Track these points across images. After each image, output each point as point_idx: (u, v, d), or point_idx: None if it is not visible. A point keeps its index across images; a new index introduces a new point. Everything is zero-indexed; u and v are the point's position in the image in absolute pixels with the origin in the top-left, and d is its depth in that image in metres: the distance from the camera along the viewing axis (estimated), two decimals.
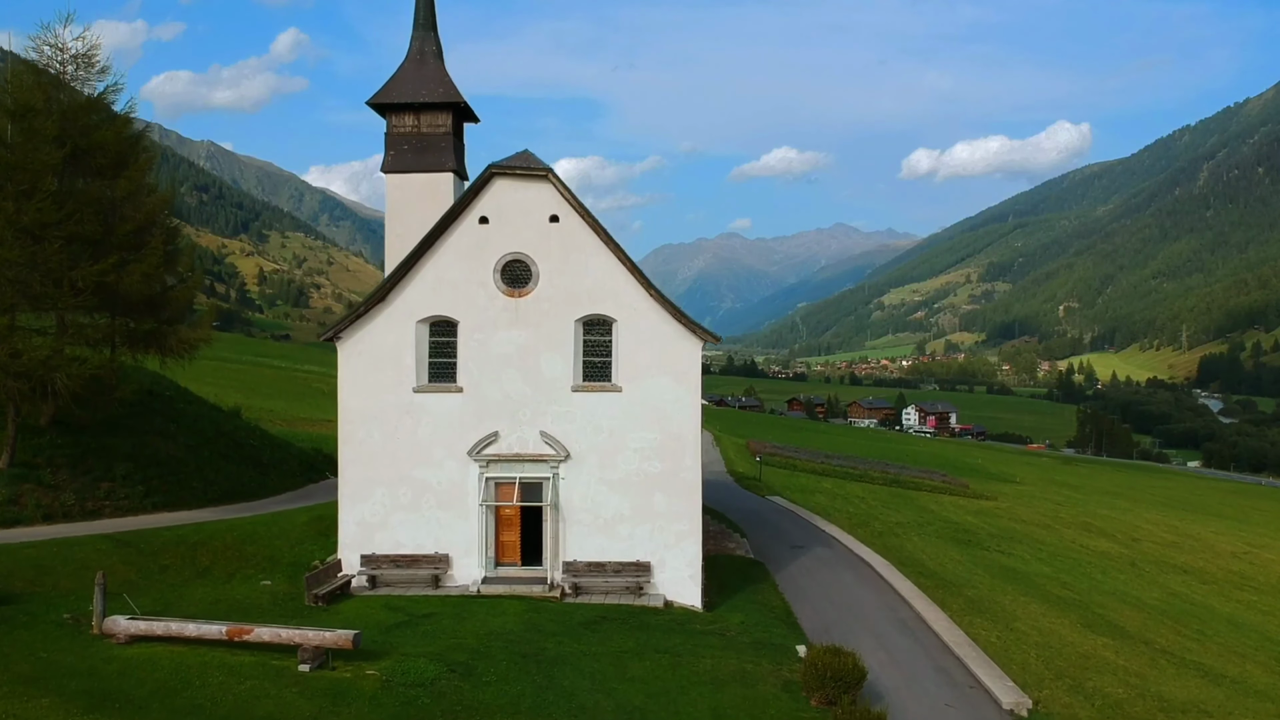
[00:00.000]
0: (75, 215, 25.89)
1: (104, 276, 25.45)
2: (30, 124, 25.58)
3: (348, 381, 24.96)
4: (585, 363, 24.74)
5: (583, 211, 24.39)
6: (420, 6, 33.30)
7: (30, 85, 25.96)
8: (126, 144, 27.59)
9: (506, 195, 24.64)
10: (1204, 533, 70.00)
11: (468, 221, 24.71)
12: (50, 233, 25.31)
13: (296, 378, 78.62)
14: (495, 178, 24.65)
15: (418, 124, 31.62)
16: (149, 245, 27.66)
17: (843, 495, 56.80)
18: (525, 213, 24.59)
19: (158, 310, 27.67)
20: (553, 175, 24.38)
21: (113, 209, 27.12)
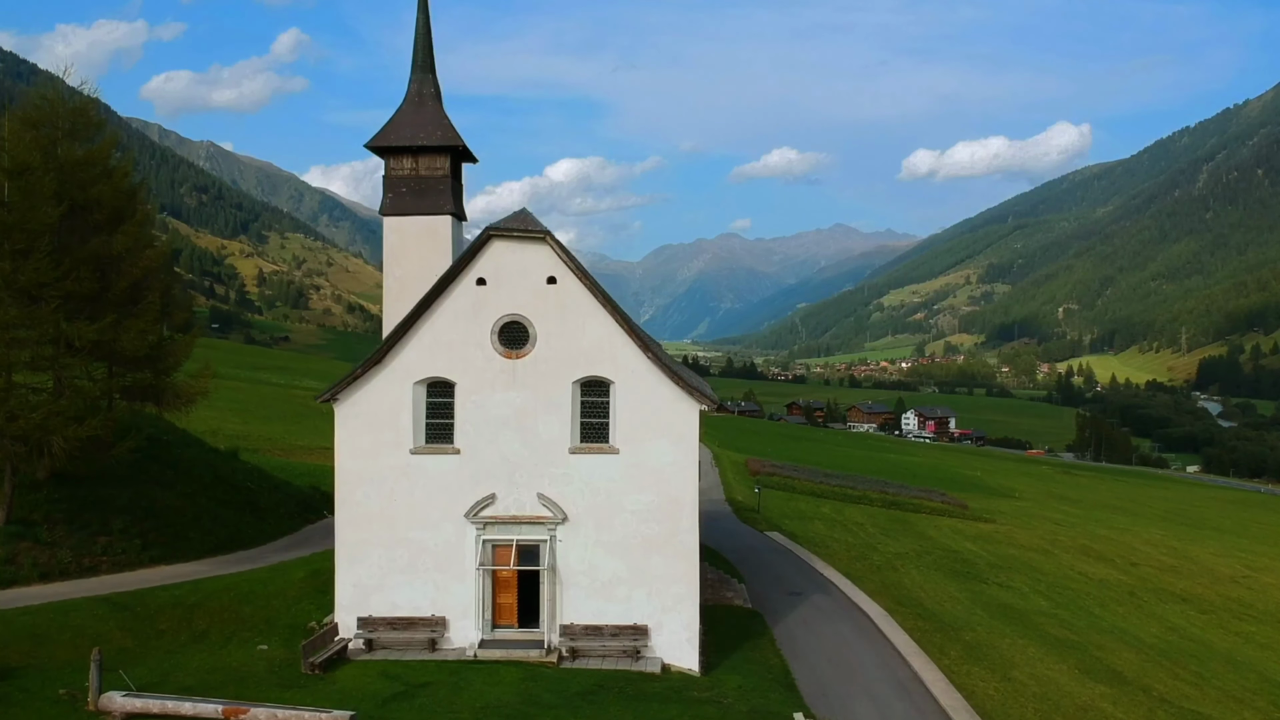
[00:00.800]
0: (73, 273, 25.89)
1: (101, 335, 25.41)
2: (28, 182, 25.55)
3: (345, 443, 24.90)
4: (583, 424, 24.72)
5: (580, 273, 24.37)
6: (418, 49, 33.31)
7: (28, 143, 25.90)
8: (124, 198, 27.54)
9: (504, 257, 24.62)
10: (1203, 554, 69.97)
11: (465, 283, 24.68)
12: (47, 292, 25.30)
13: (295, 397, 78.56)
14: (493, 239, 24.63)
15: (416, 166, 31.64)
16: (146, 299, 27.63)
17: (841, 521, 56.79)
18: (523, 274, 24.57)
19: (156, 363, 27.63)
20: (550, 237, 24.36)
21: (110, 264, 27.09)
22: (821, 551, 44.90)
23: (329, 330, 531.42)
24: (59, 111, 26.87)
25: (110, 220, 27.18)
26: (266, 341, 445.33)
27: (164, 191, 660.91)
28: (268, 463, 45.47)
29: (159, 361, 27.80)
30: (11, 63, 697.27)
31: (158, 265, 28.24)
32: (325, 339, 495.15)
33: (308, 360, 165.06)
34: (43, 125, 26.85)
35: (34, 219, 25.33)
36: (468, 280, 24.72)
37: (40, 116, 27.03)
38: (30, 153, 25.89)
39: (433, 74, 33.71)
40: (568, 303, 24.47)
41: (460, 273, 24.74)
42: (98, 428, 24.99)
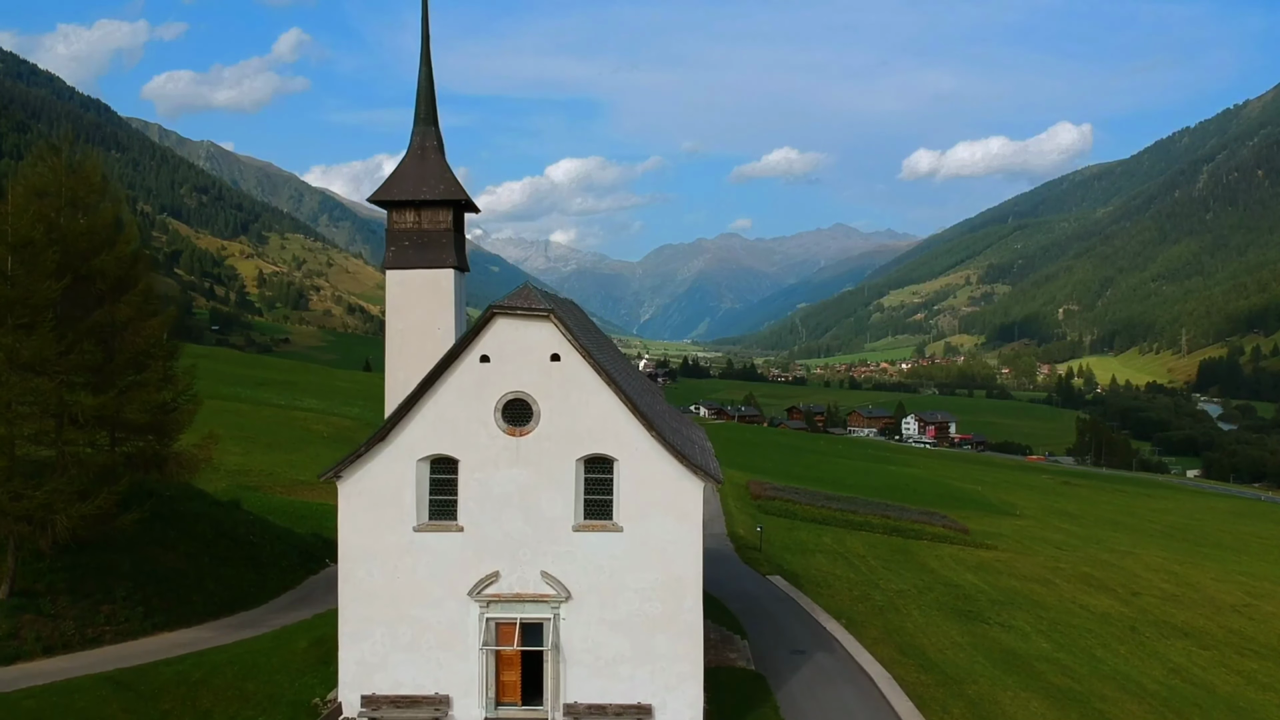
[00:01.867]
0: (76, 346, 25.85)
1: (104, 410, 25.41)
2: (31, 256, 25.52)
3: (348, 520, 24.91)
4: (586, 501, 24.72)
5: (584, 351, 24.36)
6: (420, 102, 33.33)
7: (31, 216, 25.87)
8: (126, 266, 27.52)
9: (508, 334, 24.61)
10: (1203, 579, 70.01)
11: (469, 360, 24.67)
12: (50, 367, 25.29)
13: (295, 420, 78.55)
14: (496, 317, 24.61)
15: (419, 220, 31.69)
16: (150, 368, 27.62)
17: (843, 554, 56.80)
18: (526, 351, 24.56)
19: (159, 432, 27.61)
20: (554, 315, 24.35)
21: (114, 333, 27.05)
22: (824, 591, 44.93)
23: (329, 332, 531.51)
24: (61, 179, 26.80)
25: (113, 289, 27.14)
26: (266, 344, 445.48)
27: (164, 192, 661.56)
28: (269, 503, 45.43)
29: (162, 429, 27.77)
30: (11, 63, 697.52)
31: (161, 334, 28.17)
32: (325, 340, 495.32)
33: (308, 370, 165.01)
34: (45, 194, 26.78)
35: (37, 293, 25.31)
36: (471, 357, 24.71)
37: (43, 184, 26.97)
38: (33, 226, 25.84)
39: (435, 126, 33.72)
40: (571, 380, 24.47)
41: (464, 350, 24.73)
42: (102, 503, 24.97)
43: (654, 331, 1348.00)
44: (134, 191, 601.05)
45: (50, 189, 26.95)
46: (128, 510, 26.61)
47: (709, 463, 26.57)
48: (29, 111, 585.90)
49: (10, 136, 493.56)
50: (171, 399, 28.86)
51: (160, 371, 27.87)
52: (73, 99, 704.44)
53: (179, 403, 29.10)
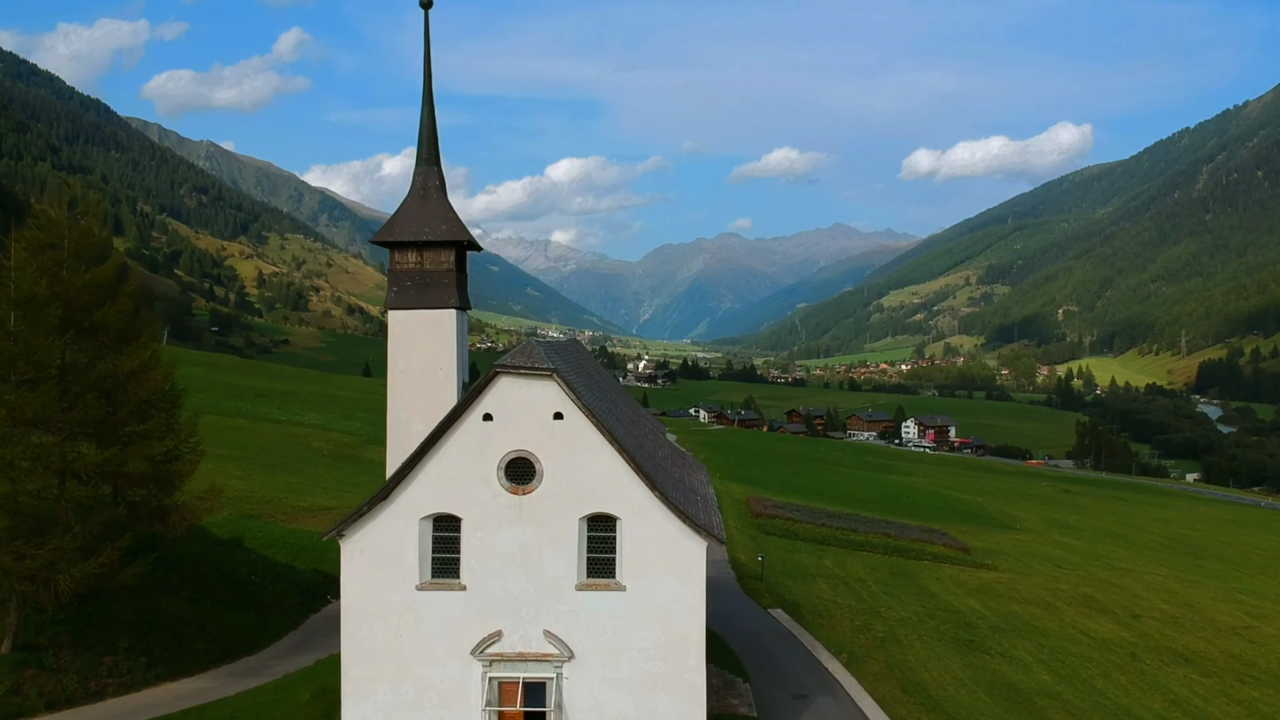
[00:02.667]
0: (79, 401, 25.85)
1: (107, 465, 25.42)
2: (34, 312, 25.52)
3: (350, 579, 24.88)
4: (589, 559, 24.72)
5: (586, 410, 24.36)
6: (423, 142, 33.33)
7: (34, 272, 25.86)
8: (129, 318, 27.51)
9: (510, 393, 24.61)
10: (1204, 599, 70.05)
11: (472, 418, 24.67)
12: (54, 423, 25.29)
13: (296, 437, 78.55)
14: (500, 376, 24.61)
15: (421, 261, 31.68)
16: (153, 419, 27.62)
17: (844, 579, 56.83)
18: (529, 410, 24.56)
19: (161, 483, 27.62)
20: (557, 374, 24.35)
21: (117, 386, 27.06)
22: (825, 623, 44.96)
23: (329, 333, 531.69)
24: (64, 233, 26.79)
25: (116, 341, 27.13)
26: (266, 345, 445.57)
27: (163, 192, 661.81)
28: (270, 534, 45.44)
29: (165, 480, 27.77)
30: (11, 63, 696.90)
31: (164, 385, 28.16)
32: (325, 341, 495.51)
33: (308, 378, 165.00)
34: (47, 247, 26.77)
35: (40, 349, 25.30)
36: (474, 416, 24.70)
37: (45, 238, 26.96)
38: (36, 281, 25.83)
39: (437, 166, 33.69)
40: (574, 439, 24.47)
41: (467, 408, 24.73)
42: (106, 560, 24.97)
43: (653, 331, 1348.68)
44: (133, 192, 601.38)
45: (53, 243, 26.91)
46: (131, 563, 26.59)
47: (712, 519, 26.57)
48: (29, 112, 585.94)
49: (10, 137, 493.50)
50: (173, 446, 28.85)
51: (163, 423, 27.87)
52: (72, 99, 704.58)
53: (181, 452, 29.09)
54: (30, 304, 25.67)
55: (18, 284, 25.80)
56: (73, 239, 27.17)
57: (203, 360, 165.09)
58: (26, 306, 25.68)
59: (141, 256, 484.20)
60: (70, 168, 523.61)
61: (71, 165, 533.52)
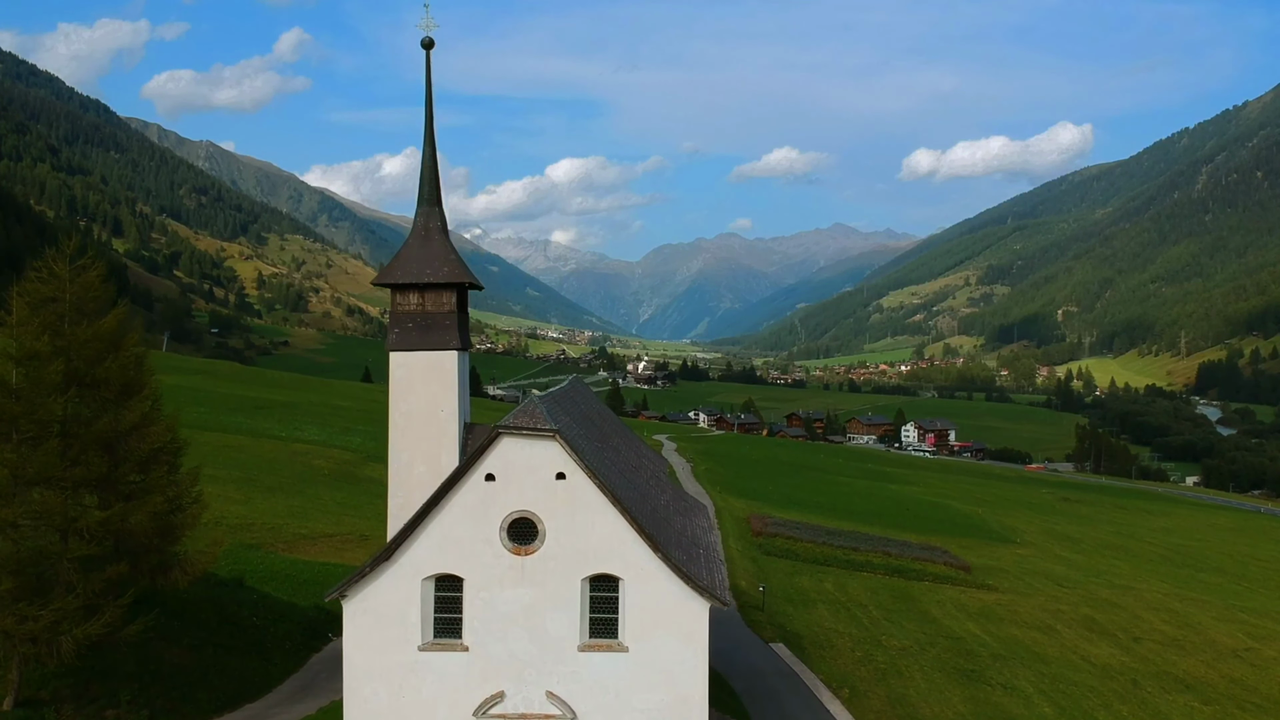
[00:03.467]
0: (82, 457, 25.84)
1: (109, 523, 25.42)
2: (36, 369, 25.49)
3: (353, 639, 24.88)
4: (591, 619, 24.74)
5: (589, 470, 24.38)
6: (425, 182, 33.46)
7: (36, 328, 25.84)
8: (131, 372, 27.50)
9: (513, 453, 24.62)
10: (1204, 619, 70.06)
11: (474, 479, 24.68)
12: (56, 481, 25.28)
13: (297, 455, 78.55)
14: (502, 436, 24.62)
15: (422, 302, 31.75)
16: (154, 473, 27.62)
17: (845, 604, 56.83)
18: (532, 470, 24.58)
19: (163, 539, 27.61)
20: (559, 435, 24.35)
21: (118, 440, 27.04)
22: (827, 654, 44.98)
23: (328, 334, 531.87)
24: (66, 286, 26.75)
25: (118, 396, 27.10)
26: (266, 346, 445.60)
27: (163, 193, 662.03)
28: (271, 566, 45.41)
29: (167, 533, 27.75)
30: (11, 64, 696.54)
31: (166, 438, 28.14)
32: (324, 343, 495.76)
33: (308, 386, 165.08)
34: (49, 301, 26.74)
35: (43, 407, 25.27)
36: (477, 476, 24.71)
37: (47, 291, 26.92)
38: (38, 337, 25.80)
39: (439, 206, 33.79)
40: (576, 499, 24.49)
41: (470, 469, 24.73)
42: (109, 619, 24.94)
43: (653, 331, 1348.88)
44: (133, 193, 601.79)
45: (55, 296, 26.87)
46: (134, 618, 26.57)
47: (715, 577, 26.57)
48: (28, 112, 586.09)
49: (10, 138, 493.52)
50: (174, 496, 28.83)
51: (165, 476, 27.85)
52: (72, 99, 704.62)
53: (184, 503, 29.07)
54: (33, 360, 25.64)
55: (20, 340, 25.76)
56: (75, 292, 27.11)
57: (202, 368, 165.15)
58: (29, 363, 25.65)
59: (141, 258, 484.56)
60: (70, 169, 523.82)
61: (71, 166, 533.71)
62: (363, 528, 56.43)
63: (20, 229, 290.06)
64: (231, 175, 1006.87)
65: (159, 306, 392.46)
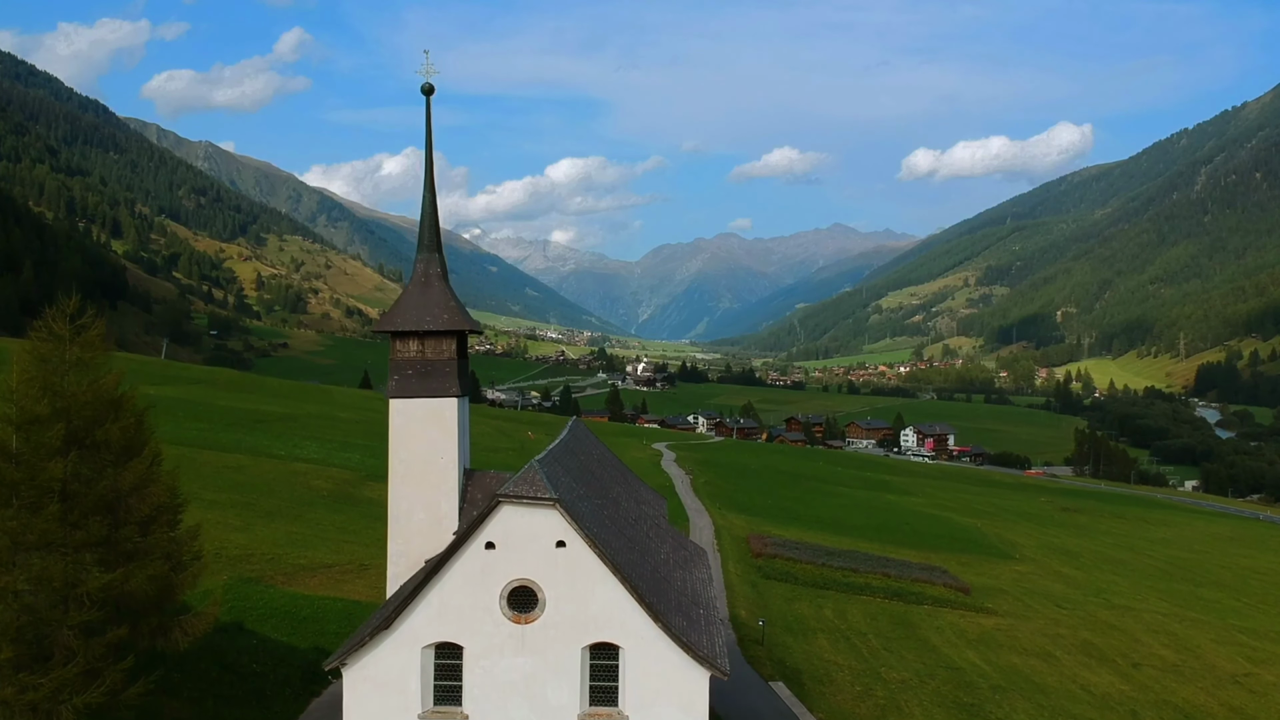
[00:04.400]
0: (82, 522, 25.79)
1: (110, 588, 25.38)
2: (37, 433, 25.43)
3: (353, 707, 24.92)
4: (592, 687, 24.76)
5: (588, 539, 24.40)
6: (425, 229, 33.64)
7: (36, 393, 25.78)
8: (132, 432, 27.45)
9: (513, 521, 24.64)
10: (1203, 641, 70.13)
11: (474, 547, 24.69)
12: (57, 547, 25.22)
13: (296, 475, 78.51)
14: (502, 504, 24.61)
15: (422, 349, 31.90)
16: (154, 534, 27.58)
17: (844, 633, 56.83)
18: (532, 538, 24.60)
19: (164, 601, 27.57)
20: (559, 504, 24.35)
21: (118, 501, 26.99)
22: (826, 690, 45.01)
23: (327, 336, 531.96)
24: (66, 346, 26.70)
25: (118, 458, 27.05)
26: (265, 349, 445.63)
27: (162, 194, 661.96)
28: (270, 602, 45.29)
29: (167, 600, 27.71)
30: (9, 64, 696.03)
31: (166, 497, 28.10)
32: (324, 344, 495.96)
33: (306, 396, 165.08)
34: (48, 360, 26.69)
35: (44, 472, 25.22)
36: (477, 544, 24.73)
37: (47, 351, 26.86)
38: (38, 401, 25.75)
39: (439, 253, 33.88)
40: (576, 567, 24.51)
41: (470, 537, 24.75)
42: (111, 684, 24.89)
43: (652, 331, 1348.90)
44: (132, 193, 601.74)
45: (53, 356, 26.81)
46: (134, 681, 26.52)
47: (715, 642, 26.55)
48: (27, 113, 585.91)
49: (9, 139, 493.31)
50: (175, 554, 28.78)
51: (165, 537, 27.81)
52: (71, 100, 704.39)
53: (185, 562, 29.04)
54: (34, 425, 25.59)
55: (20, 404, 25.71)
56: (75, 352, 27.06)
57: (201, 377, 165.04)
58: (30, 428, 25.60)
59: (140, 259, 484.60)
60: (69, 170, 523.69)
61: (70, 167, 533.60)
62: (362, 556, 56.37)
63: (19, 231, 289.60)
64: (230, 175, 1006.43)
65: (158, 308, 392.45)
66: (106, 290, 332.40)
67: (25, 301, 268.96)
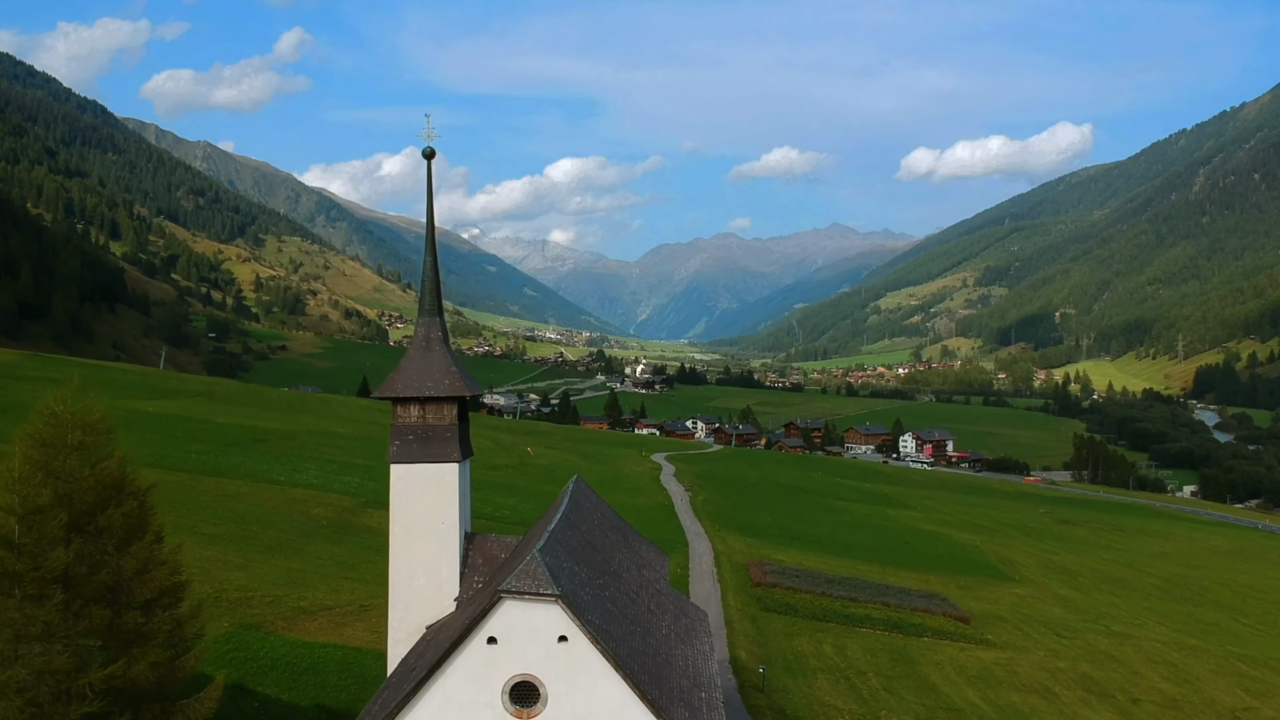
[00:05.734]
0: (84, 611, 25.79)
1: (112, 681, 25.39)
2: (40, 523, 25.44)
3: None
4: None
5: (591, 635, 24.42)
6: (426, 293, 33.74)
7: (39, 479, 25.79)
8: (134, 518, 27.44)
9: (516, 616, 24.64)
10: (1203, 672, 70.30)
11: (476, 641, 24.69)
12: (59, 637, 25.23)
13: (295, 503, 78.55)
14: (504, 600, 24.62)
15: (423, 415, 32.02)
16: (156, 618, 27.57)
17: (844, 672, 56.93)
18: (534, 633, 24.60)
19: (166, 687, 27.56)
20: (561, 600, 24.38)
21: (120, 586, 27.00)
22: None
23: (326, 338, 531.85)
24: (67, 431, 26.69)
25: (120, 544, 27.05)
26: (264, 351, 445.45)
27: (160, 195, 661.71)
28: (270, 651, 45.28)
29: (167, 687, 27.70)
30: (8, 65, 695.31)
31: (168, 582, 28.08)
32: (323, 347, 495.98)
33: (305, 408, 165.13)
34: (48, 446, 26.67)
35: (47, 562, 25.23)
36: (479, 639, 24.72)
37: (49, 435, 26.85)
38: (41, 489, 25.76)
39: (440, 317, 33.96)
40: (578, 663, 24.51)
41: (471, 632, 24.74)
42: None
43: (651, 331, 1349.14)
44: (130, 194, 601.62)
45: (54, 439, 26.81)
46: None
47: None
48: (26, 114, 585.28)
49: (7, 141, 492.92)
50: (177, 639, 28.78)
51: (168, 619, 27.80)
52: (69, 100, 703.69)
53: (189, 642, 29.03)
54: (37, 515, 25.60)
55: (23, 494, 25.71)
56: (76, 435, 27.06)
57: (201, 389, 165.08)
58: (32, 518, 25.60)
59: (138, 261, 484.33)
60: (67, 171, 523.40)
61: (68, 169, 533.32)
62: (361, 595, 56.40)
63: (18, 235, 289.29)
64: (229, 175, 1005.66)
65: (156, 311, 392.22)
66: (105, 293, 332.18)
67: (24, 306, 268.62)
